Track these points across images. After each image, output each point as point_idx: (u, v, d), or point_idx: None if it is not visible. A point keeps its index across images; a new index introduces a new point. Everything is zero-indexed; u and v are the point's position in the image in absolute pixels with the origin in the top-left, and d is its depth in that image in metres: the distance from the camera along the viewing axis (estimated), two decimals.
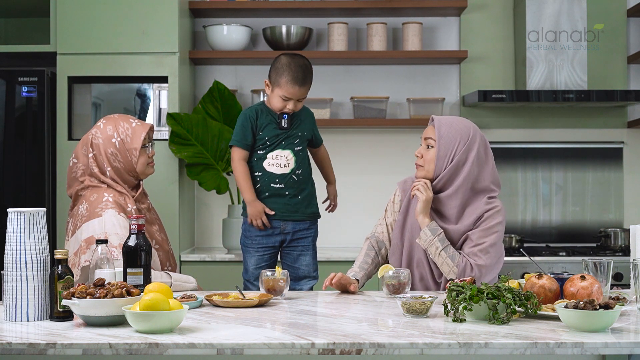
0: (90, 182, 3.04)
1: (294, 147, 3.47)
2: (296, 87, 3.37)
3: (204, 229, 4.80)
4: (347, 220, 4.75)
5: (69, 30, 4.24)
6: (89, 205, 2.97)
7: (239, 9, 4.65)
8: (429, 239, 2.95)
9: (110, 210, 2.93)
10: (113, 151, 3.03)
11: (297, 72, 3.37)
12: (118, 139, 3.03)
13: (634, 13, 4.73)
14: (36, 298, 2.36)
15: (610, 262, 2.59)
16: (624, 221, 4.75)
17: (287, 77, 3.36)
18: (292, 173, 3.46)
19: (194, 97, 4.77)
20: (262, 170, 3.46)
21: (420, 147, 3.06)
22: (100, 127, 3.07)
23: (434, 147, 2.99)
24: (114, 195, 2.98)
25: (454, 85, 4.82)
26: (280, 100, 3.40)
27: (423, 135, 3.07)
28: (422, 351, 2.04)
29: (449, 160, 2.98)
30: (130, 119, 3.10)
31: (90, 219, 2.93)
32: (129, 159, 3.03)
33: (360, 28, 4.82)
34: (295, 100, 3.41)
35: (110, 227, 2.89)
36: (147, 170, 3.11)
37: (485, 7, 4.77)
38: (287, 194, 3.47)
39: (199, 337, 2.09)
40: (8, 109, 4.27)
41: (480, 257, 2.92)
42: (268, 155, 3.45)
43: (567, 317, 2.17)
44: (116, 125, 3.05)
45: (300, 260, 3.51)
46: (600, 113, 4.79)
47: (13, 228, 2.37)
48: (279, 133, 3.46)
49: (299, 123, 3.50)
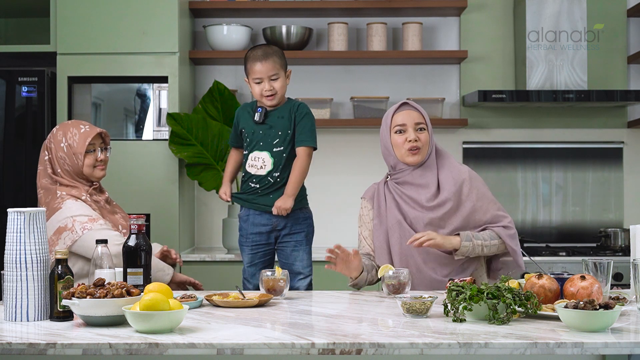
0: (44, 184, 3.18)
1: (272, 147, 3.44)
2: (257, 63, 3.43)
3: (204, 229, 4.80)
4: (346, 220, 4.75)
5: (69, 30, 4.24)
6: (47, 205, 3.12)
7: (239, 9, 4.65)
8: (471, 247, 2.99)
9: (68, 201, 3.09)
10: (62, 155, 3.17)
11: (256, 51, 3.47)
12: (66, 144, 3.17)
13: (634, 13, 4.74)
14: (36, 298, 2.36)
15: (610, 262, 2.58)
16: (624, 221, 4.75)
17: (249, 61, 3.46)
18: (268, 175, 3.43)
19: (194, 97, 4.77)
20: (245, 171, 3.50)
21: (410, 133, 3.08)
22: (53, 132, 3.23)
23: (425, 129, 3.10)
24: (67, 190, 3.14)
25: (454, 85, 4.83)
26: (255, 86, 3.45)
27: (407, 121, 3.09)
28: (422, 351, 2.04)
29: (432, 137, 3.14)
30: (80, 125, 3.22)
31: (52, 215, 3.06)
32: (75, 162, 3.16)
33: (360, 28, 4.82)
34: (268, 79, 3.42)
35: (73, 211, 3.05)
36: (95, 173, 3.21)
37: (485, 7, 4.77)
38: (264, 195, 3.46)
39: (199, 337, 2.09)
40: (8, 109, 4.27)
41: (500, 214, 3.09)
42: (249, 157, 3.48)
43: (567, 317, 2.17)
44: (66, 131, 3.20)
45: (294, 257, 3.50)
46: (600, 113, 4.79)
47: (13, 228, 2.37)
48: (255, 129, 3.46)
49: (279, 119, 3.46)
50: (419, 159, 3.09)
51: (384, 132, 3.16)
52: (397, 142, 3.10)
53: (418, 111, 3.12)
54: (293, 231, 3.50)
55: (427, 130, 3.10)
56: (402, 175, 3.13)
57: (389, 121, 3.13)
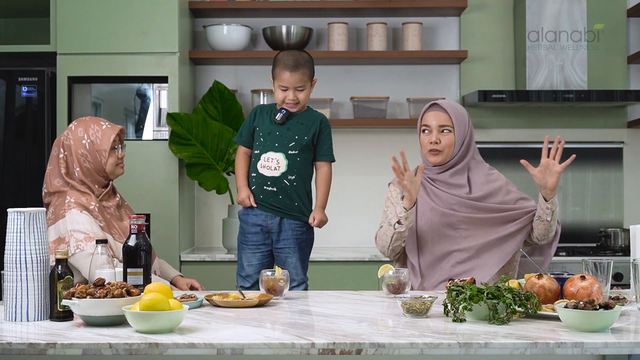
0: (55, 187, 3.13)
1: (288, 150, 3.42)
2: (287, 72, 3.41)
3: (204, 229, 4.80)
4: (346, 220, 4.75)
5: (69, 30, 4.24)
6: (55, 208, 3.08)
7: (239, 9, 4.65)
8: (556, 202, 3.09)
9: (73, 210, 3.04)
10: (83, 152, 3.12)
11: (288, 59, 3.44)
12: (88, 141, 3.13)
13: (634, 13, 4.74)
14: (36, 298, 2.36)
15: (610, 262, 2.59)
16: (624, 221, 4.75)
17: (279, 66, 3.44)
18: (283, 177, 3.41)
19: (194, 97, 4.77)
20: (256, 172, 3.46)
21: (433, 134, 3.15)
22: (71, 129, 3.17)
23: (451, 132, 3.15)
24: (76, 197, 3.08)
25: (454, 85, 4.83)
26: (279, 92, 3.44)
27: (432, 122, 3.16)
28: (422, 351, 2.04)
29: (461, 142, 3.17)
30: (100, 122, 3.20)
31: (56, 222, 3.04)
32: (99, 159, 3.13)
33: (360, 28, 4.82)
34: (294, 89, 3.42)
35: (72, 225, 3.00)
36: (117, 171, 3.19)
37: (485, 7, 4.77)
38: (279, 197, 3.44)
39: (199, 337, 2.09)
40: (8, 109, 4.27)
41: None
42: (261, 157, 3.44)
43: (567, 317, 2.17)
44: (87, 127, 3.16)
45: (288, 263, 3.47)
46: (600, 113, 4.79)
47: (13, 228, 2.37)
48: (271, 130, 3.44)
49: (298, 124, 3.46)
50: (439, 160, 3.16)
51: (418, 130, 3.24)
52: (423, 142, 3.21)
53: (446, 113, 3.16)
54: (284, 237, 3.47)
55: (452, 132, 3.15)
56: (431, 172, 3.22)
57: (420, 120, 3.22)
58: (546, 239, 3.14)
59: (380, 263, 3.57)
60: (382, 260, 4.12)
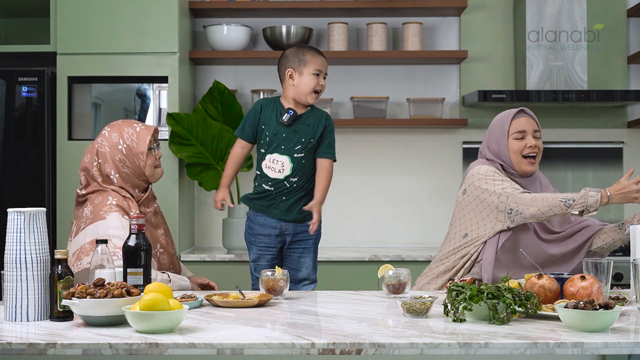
0: (96, 186, 3.04)
1: (294, 153, 3.41)
2: (320, 56, 3.43)
3: (204, 229, 4.80)
4: (347, 220, 4.75)
5: (69, 30, 4.24)
6: (94, 207, 2.98)
7: (239, 9, 4.65)
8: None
9: (114, 214, 2.94)
10: (121, 157, 3.04)
11: (311, 47, 3.49)
12: (124, 145, 3.04)
13: (634, 13, 4.73)
14: (36, 298, 2.36)
15: (610, 262, 2.59)
16: None
17: (310, 52, 3.43)
18: (285, 180, 3.41)
19: (194, 97, 4.77)
20: (260, 170, 3.46)
21: (529, 139, 3.13)
22: (105, 135, 3.07)
23: (539, 137, 3.18)
24: (118, 199, 2.99)
25: (454, 85, 4.83)
26: (313, 78, 3.40)
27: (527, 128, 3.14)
28: (422, 351, 2.04)
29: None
30: (134, 124, 3.11)
31: (94, 222, 2.94)
32: (137, 163, 3.05)
33: (360, 28, 4.83)
34: (323, 76, 3.44)
35: (113, 230, 2.90)
36: (156, 173, 3.12)
37: (485, 7, 4.77)
38: (277, 198, 3.45)
39: (199, 337, 2.09)
40: (8, 109, 4.27)
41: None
42: (266, 157, 3.43)
43: (567, 317, 2.17)
44: (121, 131, 3.07)
45: (301, 263, 3.48)
46: (600, 113, 4.79)
47: (13, 228, 2.37)
48: (278, 130, 3.43)
49: (304, 126, 3.44)
50: (535, 169, 3.16)
51: (499, 137, 3.16)
52: (516, 148, 3.13)
53: (534, 119, 3.18)
54: (302, 238, 3.48)
55: (541, 139, 3.18)
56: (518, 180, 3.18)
57: (506, 127, 3.15)
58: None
59: (380, 263, 3.58)
60: (382, 260, 4.13)
